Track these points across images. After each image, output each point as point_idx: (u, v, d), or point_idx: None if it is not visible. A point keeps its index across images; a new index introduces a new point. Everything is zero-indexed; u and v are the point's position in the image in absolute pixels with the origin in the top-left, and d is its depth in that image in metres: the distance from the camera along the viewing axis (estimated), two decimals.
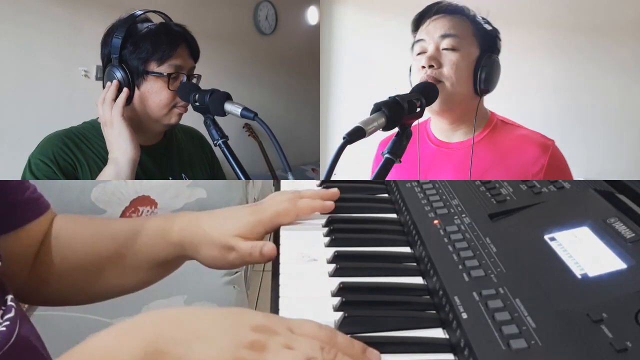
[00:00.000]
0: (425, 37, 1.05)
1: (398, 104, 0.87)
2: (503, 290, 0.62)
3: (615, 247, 0.65)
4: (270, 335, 0.53)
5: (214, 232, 0.79)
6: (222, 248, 0.78)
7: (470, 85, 1.04)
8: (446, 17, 1.06)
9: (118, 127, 1.05)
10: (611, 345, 0.52)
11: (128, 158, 1.04)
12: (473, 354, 0.55)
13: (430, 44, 1.04)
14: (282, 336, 0.53)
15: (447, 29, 1.04)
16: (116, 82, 1.09)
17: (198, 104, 1.08)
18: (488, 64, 1.04)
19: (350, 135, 0.80)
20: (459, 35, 1.04)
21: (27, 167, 1.06)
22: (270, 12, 3.06)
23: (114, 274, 0.83)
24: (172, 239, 0.81)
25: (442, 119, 1.09)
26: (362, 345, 0.56)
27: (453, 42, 1.03)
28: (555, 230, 0.71)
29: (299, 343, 0.52)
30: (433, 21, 1.06)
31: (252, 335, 0.52)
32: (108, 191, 1.73)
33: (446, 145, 1.10)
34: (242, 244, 0.78)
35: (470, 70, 1.04)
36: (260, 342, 0.52)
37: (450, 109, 1.05)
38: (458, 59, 1.03)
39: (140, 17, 1.14)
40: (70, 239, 0.82)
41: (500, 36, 1.08)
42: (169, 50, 1.11)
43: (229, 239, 0.78)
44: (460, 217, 0.79)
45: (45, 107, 2.15)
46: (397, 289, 0.71)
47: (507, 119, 1.12)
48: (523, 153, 1.04)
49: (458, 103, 1.05)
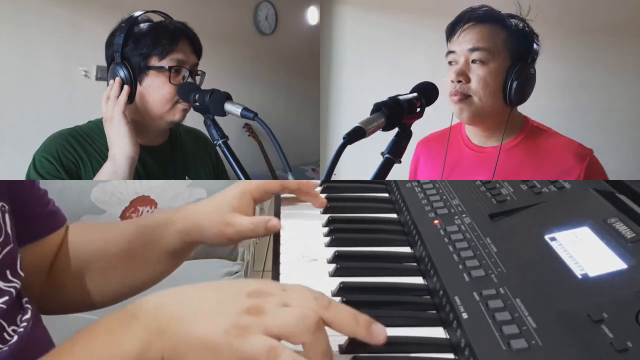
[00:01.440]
0: (456, 49, 1.04)
1: (398, 104, 0.87)
2: (503, 290, 0.62)
3: (615, 247, 0.65)
4: (265, 298, 0.54)
5: (211, 211, 0.82)
6: (220, 224, 0.81)
7: (500, 97, 1.03)
8: (477, 27, 1.03)
9: (117, 124, 1.05)
10: (612, 345, 0.52)
11: (126, 155, 1.04)
12: (473, 354, 0.55)
13: (460, 56, 1.03)
14: (276, 296, 0.54)
15: (477, 42, 1.02)
16: (119, 79, 1.09)
17: (198, 104, 1.08)
18: (520, 75, 1.02)
19: (350, 135, 0.80)
20: (488, 48, 1.02)
21: (32, 165, 1.07)
22: (270, 12, 3.06)
23: (128, 271, 0.86)
24: (177, 227, 0.84)
25: (475, 128, 1.09)
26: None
27: (482, 56, 1.02)
28: (555, 230, 0.71)
29: (293, 299, 0.54)
30: (464, 31, 1.04)
31: (248, 301, 0.53)
32: (108, 191, 1.73)
33: (481, 150, 1.10)
34: (239, 219, 0.80)
35: (500, 83, 1.02)
36: (257, 305, 0.53)
37: (480, 120, 1.06)
38: (486, 73, 1.02)
39: (142, 17, 1.15)
40: (81, 244, 0.85)
41: (538, 41, 1.05)
42: (169, 44, 1.11)
43: (225, 215, 0.81)
44: (461, 217, 0.79)
45: (45, 107, 2.15)
46: (398, 289, 0.71)
47: (543, 125, 1.11)
48: (558, 161, 1.03)
49: (489, 115, 1.04)
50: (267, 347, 0.50)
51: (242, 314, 0.52)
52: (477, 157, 1.10)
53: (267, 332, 0.51)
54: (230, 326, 0.51)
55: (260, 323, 0.52)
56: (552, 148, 1.06)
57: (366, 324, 0.55)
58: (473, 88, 1.02)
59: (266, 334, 0.51)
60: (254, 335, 0.51)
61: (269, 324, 0.52)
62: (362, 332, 0.55)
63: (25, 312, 0.69)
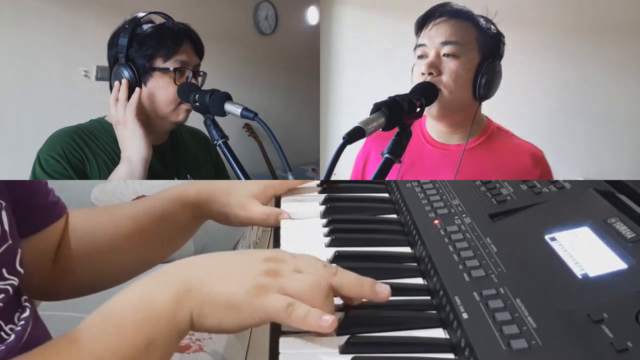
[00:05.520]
0: (427, 42, 1.04)
1: (398, 104, 0.87)
2: (503, 290, 0.62)
3: (615, 247, 0.65)
4: (280, 263, 0.61)
5: (231, 191, 0.88)
6: (236, 206, 0.86)
7: (470, 91, 1.04)
8: (449, 21, 1.04)
9: (132, 126, 1.07)
10: (612, 345, 0.52)
11: (141, 157, 1.06)
12: (474, 354, 0.54)
13: (431, 49, 1.03)
14: (290, 262, 0.61)
15: (449, 36, 1.03)
16: (126, 81, 1.10)
17: (198, 104, 1.08)
18: (489, 71, 1.03)
19: (350, 135, 0.81)
20: (460, 42, 1.03)
21: (37, 163, 1.07)
22: (270, 12, 3.06)
23: (137, 249, 0.88)
24: (189, 201, 0.88)
25: (441, 123, 1.08)
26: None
27: (454, 49, 1.02)
28: (555, 230, 0.71)
29: (305, 266, 0.61)
30: (435, 25, 1.05)
31: (265, 264, 0.60)
32: (108, 191, 1.73)
33: (443, 147, 1.10)
34: (255, 207, 0.86)
35: (470, 77, 1.03)
36: (274, 269, 0.60)
37: (449, 114, 1.05)
38: (458, 66, 1.02)
39: (144, 19, 1.15)
40: (87, 227, 0.87)
41: (504, 40, 1.07)
42: (174, 45, 1.12)
43: (244, 198, 0.87)
44: (461, 217, 0.79)
45: (45, 107, 2.15)
46: (398, 289, 0.70)
47: (502, 126, 1.13)
48: (518, 162, 1.06)
49: (457, 109, 1.05)
50: (284, 303, 0.57)
51: (261, 276, 0.59)
52: (439, 154, 1.10)
53: (283, 292, 0.58)
54: (250, 286, 0.57)
55: (277, 284, 0.58)
56: (513, 149, 1.08)
57: (370, 284, 0.62)
58: (444, 81, 1.02)
59: (282, 294, 0.58)
60: (272, 294, 0.57)
61: (285, 285, 0.58)
62: (367, 292, 0.62)
63: (24, 311, 0.69)
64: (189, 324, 0.57)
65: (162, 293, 0.57)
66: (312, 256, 0.64)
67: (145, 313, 0.56)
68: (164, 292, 0.57)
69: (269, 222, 0.86)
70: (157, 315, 0.56)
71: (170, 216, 0.88)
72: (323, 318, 0.57)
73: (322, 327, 0.57)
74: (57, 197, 0.84)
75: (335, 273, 0.61)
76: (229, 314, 0.57)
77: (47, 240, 0.82)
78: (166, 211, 0.87)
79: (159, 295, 0.57)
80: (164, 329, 0.56)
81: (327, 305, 0.59)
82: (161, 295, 0.57)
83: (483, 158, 1.07)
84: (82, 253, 0.86)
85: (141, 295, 0.57)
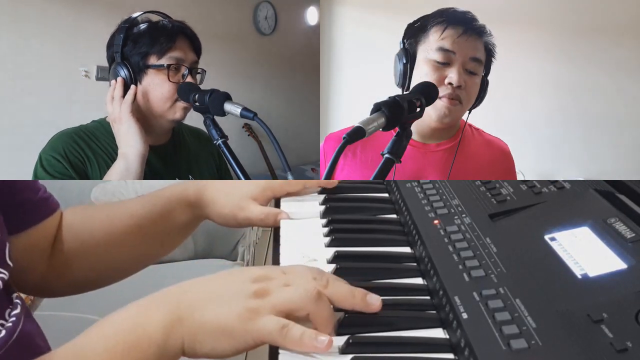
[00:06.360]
0: (457, 51, 1.04)
1: (398, 104, 0.87)
2: (503, 290, 0.62)
3: (615, 247, 0.65)
4: (269, 281, 0.60)
5: (230, 192, 0.88)
6: (234, 207, 0.86)
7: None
8: (480, 39, 1.06)
9: (127, 122, 1.07)
10: (611, 345, 0.52)
11: (137, 152, 1.06)
12: (473, 354, 0.55)
13: (458, 60, 1.04)
14: (278, 279, 0.61)
15: (478, 53, 1.05)
16: (121, 79, 1.10)
17: (198, 104, 1.08)
18: (486, 87, 1.09)
19: (351, 135, 0.80)
20: (482, 60, 1.06)
21: (39, 164, 1.07)
22: (270, 12, 3.06)
23: (135, 246, 0.88)
24: (189, 200, 0.88)
25: (432, 127, 1.09)
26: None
27: (477, 68, 1.06)
28: (555, 230, 0.71)
29: (294, 280, 0.61)
30: (469, 37, 1.05)
31: (254, 285, 0.59)
32: (108, 191, 1.73)
33: (423, 147, 1.11)
34: (254, 207, 0.86)
35: (476, 93, 1.08)
36: (263, 288, 0.59)
37: (452, 124, 1.09)
38: (476, 84, 1.06)
39: (141, 18, 1.15)
40: (85, 224, 0.87)
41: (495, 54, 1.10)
42: (167, 42, 1.12)
43: (242, 199, 0.87)
44: (461, 217, 0.79)
45: (45, 107, 2.16)
46: (397, 289, 0.71)
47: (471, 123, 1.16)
48: (490, 156, 1.12)
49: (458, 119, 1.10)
50: (278, 325, 0.56)
51: (250, 298, 0.58)
52: (419, 154, 1.11)
53: (274, 310, 0.57)
54: (242, 310, 0.57)
55: (267, 303, 0.58)
56: (484, 144, 1.14)
57: (362, 295, 0.62)
58: (464, 96, 1.05)
59: (274, 313, 0.57)
60: (265, 316, 0.57)
61: (275, 302, 0.58)
62: (359, 304, 0.61)
63: (15, 307, 0.69)
64: (181, 351, 0.57)
65: (155, 319, 0.57)
66: (303, 268, 0.63)
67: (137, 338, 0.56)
68: (156, 321, 0.57)
69: (268, 222, 0.86)
70: (147, 340, 0.56)
71: (169, 215, 0.88)
72: (319, 339, 0.56)
73: (317, 348, 0.56)
74: (48, 194, 0.84)
75: (326, 285, 0.61)
76: (222, 339, 0.57)
77: (40, 236, 0.82)
78: (165, 210, 0.88)
79: (151, 323, 0.57)
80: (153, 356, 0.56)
81: (320, 309, 0.59)
82: (154, 321, 0.57)
83: (461, 154, 1.10)
84: (79, 250, 0.86)
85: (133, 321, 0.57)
